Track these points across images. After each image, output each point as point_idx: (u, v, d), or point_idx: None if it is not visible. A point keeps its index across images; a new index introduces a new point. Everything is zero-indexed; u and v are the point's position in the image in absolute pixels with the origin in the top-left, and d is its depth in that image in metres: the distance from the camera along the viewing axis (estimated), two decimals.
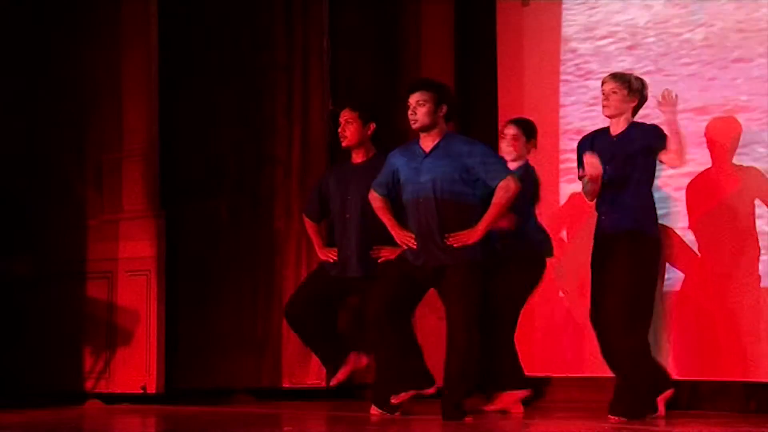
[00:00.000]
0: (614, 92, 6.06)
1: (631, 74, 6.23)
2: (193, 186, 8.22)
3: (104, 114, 8.11)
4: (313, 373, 7.70)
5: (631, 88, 6.07)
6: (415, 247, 6.00)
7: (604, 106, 6.12)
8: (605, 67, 6.97)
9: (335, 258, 6.49)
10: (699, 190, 6.64)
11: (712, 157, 6.59)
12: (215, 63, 8.24)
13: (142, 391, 7.72)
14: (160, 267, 7.77)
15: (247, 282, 8.10)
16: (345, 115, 6.48)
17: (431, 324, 6.93)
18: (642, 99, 6.14)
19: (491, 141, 6.70)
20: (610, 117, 6.11)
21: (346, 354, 6.61)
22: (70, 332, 8.10)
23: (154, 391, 7.68)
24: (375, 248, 6.36)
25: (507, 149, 6.51)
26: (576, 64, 7.35)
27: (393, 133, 6.93)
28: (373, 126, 6.47)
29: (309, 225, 6.74)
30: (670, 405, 6.14)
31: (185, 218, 8.12)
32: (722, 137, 6.55)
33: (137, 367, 7.78)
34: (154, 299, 7.73)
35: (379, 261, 6.34)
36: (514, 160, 6.45)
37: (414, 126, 6.03)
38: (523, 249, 6.37)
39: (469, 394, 6.05)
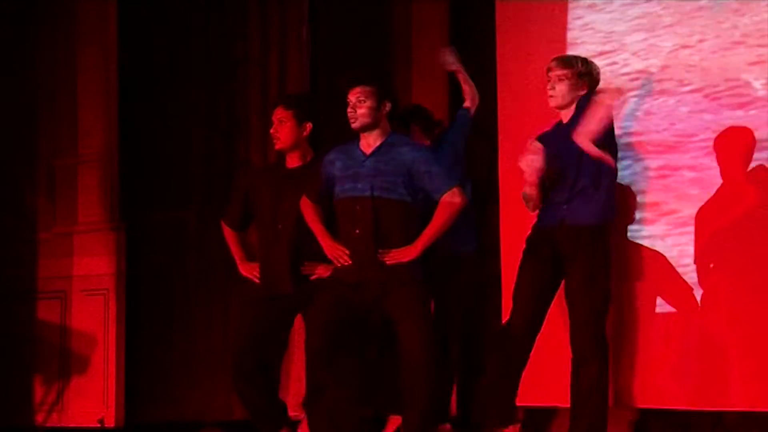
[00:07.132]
0: (561, 79, 5.81)
1: (578, 57, 6.00)
2: (156, 194, 8.09)
3: (57, 115, 8.09)
4: (289, 406, 7.20)
5: (579, 72, 5.82)
6: (349, 263, 5.70)
7: (550, 96, 5.83)
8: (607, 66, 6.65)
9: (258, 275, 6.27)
10: (711, 203, 6.23)
11: (723, 171, 6.23)
12: (181, 58, 8.13)
13: (99, 425, 7.66)
14: (119, 285, 7.73)
15: (218, 302, 7.91)
16: (278, 114, 6.17)
17: None
18: (592, 83, 5.87)
19: (492, 146, 6.61)
20: (558, 108, 5.82)
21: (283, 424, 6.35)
22: (19, 359, 8.03)
23: (112, 425, 7.63)
24: (307, 264, 6.04)
25: None
26: None
27: None
28: (309, 126, 6.14)
29: (229, 234, 6.39)
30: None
31: (148, 230, 8.02)
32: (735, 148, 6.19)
33: (94, 398, 7.71)
34: (113, 322, 7.68)
35: (311, 278, 6.02)
36: None
37: (353, 126, 5.75)
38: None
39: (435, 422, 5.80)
